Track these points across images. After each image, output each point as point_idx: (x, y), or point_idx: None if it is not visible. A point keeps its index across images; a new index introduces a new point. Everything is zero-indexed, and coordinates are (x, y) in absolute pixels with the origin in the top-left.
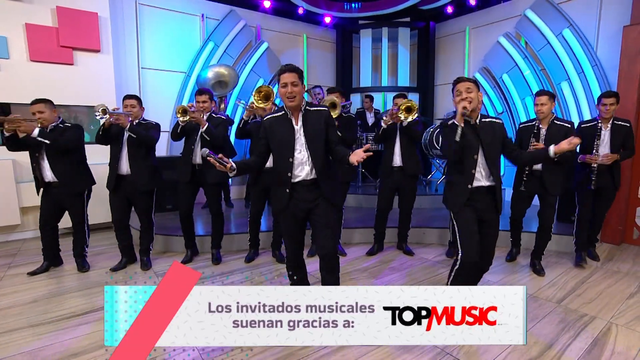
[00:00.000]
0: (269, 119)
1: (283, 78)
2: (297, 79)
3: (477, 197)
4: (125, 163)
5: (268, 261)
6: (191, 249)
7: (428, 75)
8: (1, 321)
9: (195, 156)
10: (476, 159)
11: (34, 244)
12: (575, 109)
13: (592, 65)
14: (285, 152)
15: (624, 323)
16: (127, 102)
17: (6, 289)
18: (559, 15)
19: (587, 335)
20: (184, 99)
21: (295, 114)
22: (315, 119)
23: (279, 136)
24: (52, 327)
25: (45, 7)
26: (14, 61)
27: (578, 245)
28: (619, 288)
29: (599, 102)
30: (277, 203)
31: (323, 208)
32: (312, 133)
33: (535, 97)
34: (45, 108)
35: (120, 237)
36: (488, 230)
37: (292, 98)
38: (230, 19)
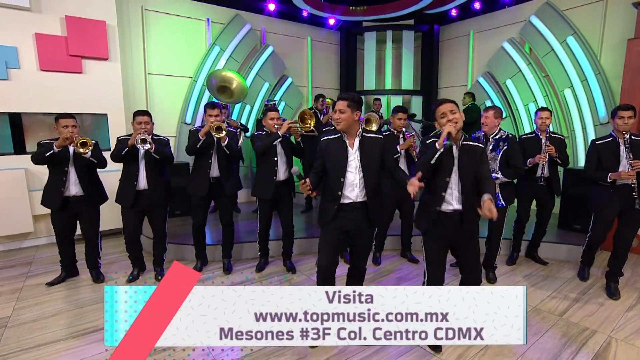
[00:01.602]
0: (325, 140)
1: (337, 105)
2: (345, 107)
3: (446, 222)
4: (143, 179)
5: (279, 271)
6: (201, 259)
7: (432, 78)
8: (28, 335)
9: (213, 170)
10: (448, 181)
11: (48, 251)
12: (577, 117)
13: (595, 74)
14: (338, 172)
15: (623, 337)
16: (141, 118)
17: (28, 301)
18: (563, 23)
19: (588, 350)
20: (191, 104)
21: (350, 138)
22: (372, 145)
23: (334, 157)
24: (78, 341)
25: (54, 17)
26: (24, 71)
27: (584, 261)
28: (618, 300)
29: (615, 115)
30: (324, 217)
31: (367, 232)
32: (366, 158)
33: (539, 112)
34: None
35: (132, 249)
36: (463, 253)
37: (338, 123)
38: (235, 23)
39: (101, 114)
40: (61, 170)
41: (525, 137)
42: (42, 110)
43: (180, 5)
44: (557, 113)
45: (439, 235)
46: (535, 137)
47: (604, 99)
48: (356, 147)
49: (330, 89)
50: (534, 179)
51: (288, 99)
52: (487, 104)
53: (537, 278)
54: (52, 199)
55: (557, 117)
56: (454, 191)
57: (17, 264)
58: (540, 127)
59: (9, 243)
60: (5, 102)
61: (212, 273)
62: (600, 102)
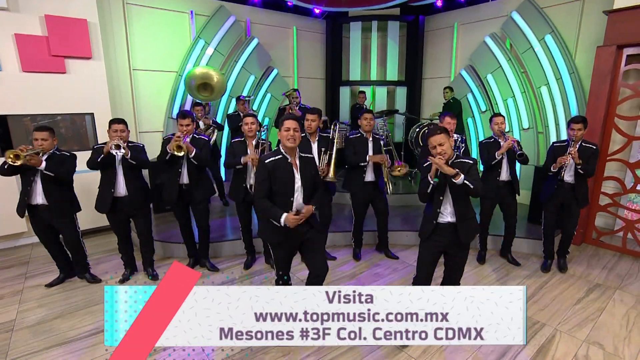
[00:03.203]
0: (271, 162)
1: (289, 123)
2: (297, 125)
3: (442, 232)
4: (121, 186)
5: (268, 267)
6: (194, 257)
7: (416, 68)
8: (34, 339)
9: (182, 177)
10: (442, 200)
11: (43, 250)
12: (552, 114)
13: (569, 73)
14: (287, 191)
15: (567, 330)
16: (116, 126)
17: (30, 303)
18: (542, 20)
19: (535, 342)
20: (177, 98)
21: (293, 158)
22: (309, 164)
23: (281, 180)
24: (82, 344)
25: (33, 16)
26: (6, 73)
27: (547, 254)
28: (570, 293)
29: (568, 126)
30: (276, 235)
31: (314, 238)
32: (306, 177)
33: (493, 118)
34: (48, 137)
35: (124, 250)
36: (451, 260)
37: (294, 141)
38: (219, 14)
39: (87, 113)
40: (27, 180)
41: (485, 142)
42: (27, 111)
43: None
44: (533, 109)
45: (435, 241)
46: (494, 142)
47: (577, 98)
48: (299, 169)
49: (316, 78)
50: (495, 177)
51: (274, 90)
52: (468, 97)
53: (501, 273)
54: (20, 206)
55: (533, 113)
56: (448, 206)
57: (14, 264)
58: (496, 133)
59: (4, 242)
60: None
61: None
62: (573, 100)
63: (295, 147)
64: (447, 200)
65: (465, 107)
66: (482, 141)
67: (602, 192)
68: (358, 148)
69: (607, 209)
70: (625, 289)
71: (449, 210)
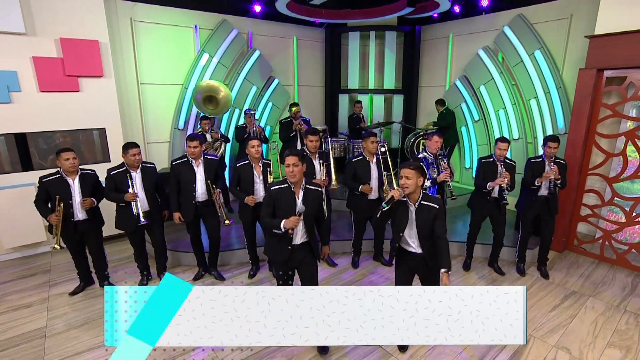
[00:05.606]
0: (275, 190)
1: (287, 160)
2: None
3: (409, 258)
4: (145, 204)
5: (270, 276)
6: (203, 266)
7: (413, 76)
8: (66, 344)
9: (197, 195)
10: (402, 236)
11: (62, 258)
12: (540, 126)
13: (557, 87)
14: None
15: (540, 335)
16: (134, 151)
17: (57, 311)
18: (532, 36)
19: (509, 348)
20: (183, 110)
21: (297, 188)
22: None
23: (283, 206)
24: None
25: (49, 39)
26: (25, 93)
27: (520, 258)
28: (547, 300)
29: (545, 144)
30: (278, 255)
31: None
32: (309, 207)
33: (498, 142)
34: (75, 155)
35: (140, 258)
36: (425, 280)
37: (293, 176)
38: (222, 28)
39: (100, 128)
40: (66, 202)
41: (484, 161)
42: (44, 128)
43: (167, 14)
44: (523, 120)
45: (406, 264)
46: (492, 162)
47: (563, 112)
48: (301, 198)
49: (316, 86)
50: (485, 195)
51: (275, 99)
52: (462, 107)
53: (486, 280)
54: (56, 225)
55: (523, 124)
56: (414, 239)
57: (37, 272)
58: (498, 157)
59: (25, 250)
60: (10, 124)
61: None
62: (560, 114)
63: (297, 181)
64: (413, 234)
65: (459, 116)
66: (482, 159)
67: (583, 204)
68: (359, 172)
69: (587, 220)
70: (597, 297)
71: (416, 244)
